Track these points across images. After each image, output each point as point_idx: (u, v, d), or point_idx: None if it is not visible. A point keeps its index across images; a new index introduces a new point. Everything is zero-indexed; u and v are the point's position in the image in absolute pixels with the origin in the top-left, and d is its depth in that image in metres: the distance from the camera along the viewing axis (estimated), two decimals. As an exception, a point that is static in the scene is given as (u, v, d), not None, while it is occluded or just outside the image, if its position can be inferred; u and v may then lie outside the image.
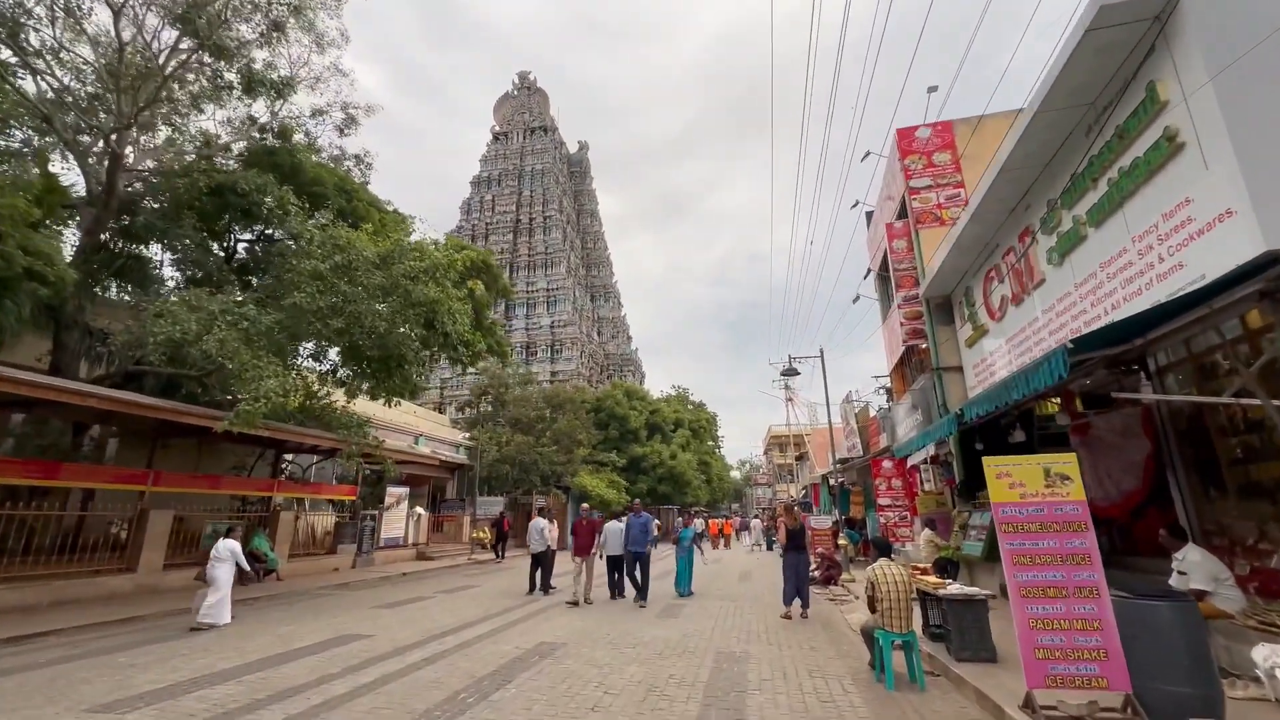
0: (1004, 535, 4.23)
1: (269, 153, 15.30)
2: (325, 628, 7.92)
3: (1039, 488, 4.22)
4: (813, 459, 33.98)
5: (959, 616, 5.50)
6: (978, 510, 10.18)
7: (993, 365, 10.61)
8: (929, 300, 12.92)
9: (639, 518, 10.25)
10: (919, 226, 13.39)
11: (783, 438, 54.91)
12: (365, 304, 11.27)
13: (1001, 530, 4.27)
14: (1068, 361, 4.82)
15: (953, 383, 12.37)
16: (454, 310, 12.77)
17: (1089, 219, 7.14)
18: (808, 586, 9.20)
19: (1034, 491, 4.23)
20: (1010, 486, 4.29)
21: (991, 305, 10.42)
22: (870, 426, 21.31)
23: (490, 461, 26.55)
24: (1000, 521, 4.29)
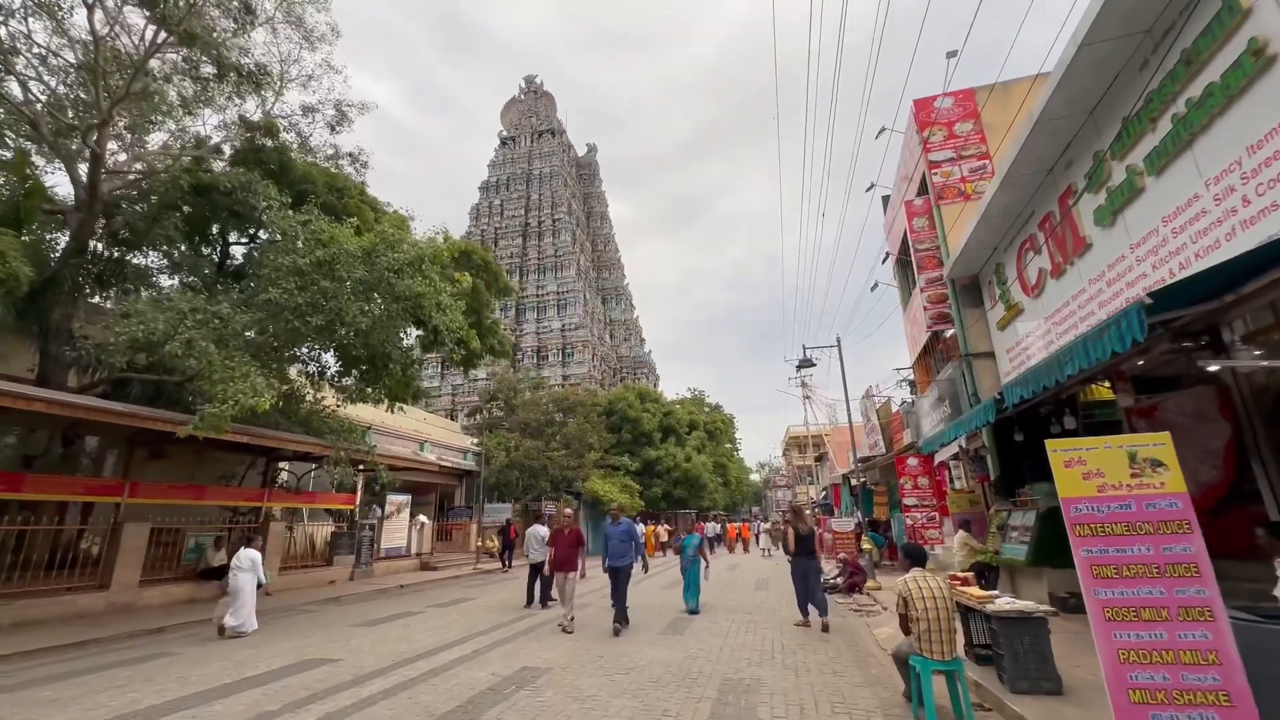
0: (1079, 540, 3.29)
1: (255, 150, 14.78)
2: (290, 651, 7.16)
3: (1123, 477, 3.27)
4: (833, 459, 32.76)
5: (1013, 638, 4.53)
6: (1018, 509, 9.12)
7: (1029, 348, 9.56)
8: (954, 281, 11.89)
9: (618, 525, 8.59)
10: (941, 203, 12.37)
11: (801, 438, 53.56)
12: (346, 299, 10.57)
13: (1075, 533, 3.32)
14: (1144, 321, 3.86)
15: (984, 370, 11.31)
16: (443, 304, 12.02)
17: (1147, 167, 6.13)
18: (821, 594, 8.37)
19: (1116, 482, 3.28)
20: (1085, 476, 3.34)
21: (1027, 280, 9.38)
22: (892, 422, 20.18)
23: (498, 468, 25.83)
24: (1073, 522, 3.34)
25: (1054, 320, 8.60)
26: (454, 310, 12.88)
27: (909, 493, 16.09)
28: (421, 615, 9.93)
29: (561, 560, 8.36)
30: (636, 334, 58.85)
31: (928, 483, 16.11)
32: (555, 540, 8.53)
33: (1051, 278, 8.57)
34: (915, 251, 12.78)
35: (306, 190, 14.85)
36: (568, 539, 8.42)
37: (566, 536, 8.45)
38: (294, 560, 14.36)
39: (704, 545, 9.30)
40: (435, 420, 30.33)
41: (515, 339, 47.78)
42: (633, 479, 32.14)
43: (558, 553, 8.40)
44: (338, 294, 10.62)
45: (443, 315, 11.61)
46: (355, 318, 10.63)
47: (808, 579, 8.36)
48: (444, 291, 12.46)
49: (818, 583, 8.44)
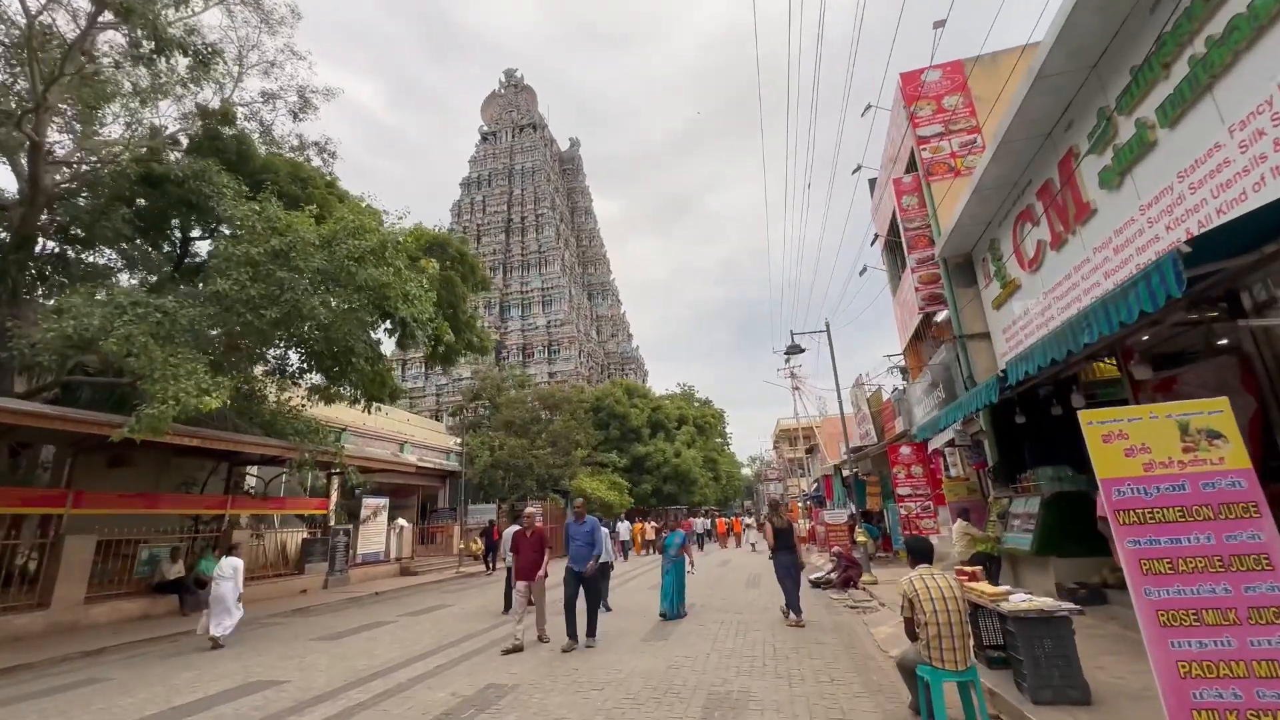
0: (1124, 529, 2.74)
1: (212, 139, 13.98)
2: (235, 673, 6.49)
3: (1174, 452, 2.73)
4: (823, 450, 32.40)
5: (1033, 641, 3.99)
6: (1020, 496, 8.64)
7: (1028, 326, 9.07)
8: (947, 260, 11.39)
9: (581, 524, 7.45)
10: (930, 179, 11.87)
11: (792, 431, 53.28)
12: (304, 291, 9.86)
13: (1119, 521, 2.77)
14: (1181, 273, 3.32)
15: (979, 352, 10.83)
16: (411, 295, 11.33)
17: (1159, 118, 5.62)
18: (797, 591, 8.15)
19: (1166, 458, 2.74)
20: (1127, 453, 2.80)
21: (1024, 255, 8.89)
22: (884, 411, 19.75)
23: (482, 468, 25.14)
24: (1116, 508, 2.80)
25: (1054, 295, 8.10)
26: (424, 301, 12.19)
27: (902, 482, 15.65)
28: (391, 626, 9.28)
29: (526, 567, 7.15)
30: (624, 329, 58.21)
31: (921, 472, 15.67)
32: (518, 545, 7.33)
33: (1051, 249, 8.08)
34: (905, 231, 12.28)
35: (268, 180, 14.09)
36: (531, 542, 7.25)
37: (530, 540, 7.26)
38: (263, 569, 13.62)
39: (688, 543, 8.63)
40: (420, 421, 29.57)
41: (500, 337, 46.98)
42: (622, 476, 31.57)
43: (521, 559, 7.20)
44: (294, 285, 9.91)
45: (411, 306, 10.93)
46: (314, 310, 9.92)
47: (792, 575, 8.15)
48: (411, 281, 11.77)
49: (797, 579, 8.20)
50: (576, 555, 7.26)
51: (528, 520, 7.57)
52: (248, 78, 15.66)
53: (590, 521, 7.60)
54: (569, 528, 7.54)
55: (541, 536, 7.37)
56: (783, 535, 8.33)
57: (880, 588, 10.29)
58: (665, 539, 8.98)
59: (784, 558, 8.17)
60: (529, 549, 7.23)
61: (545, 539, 7.36)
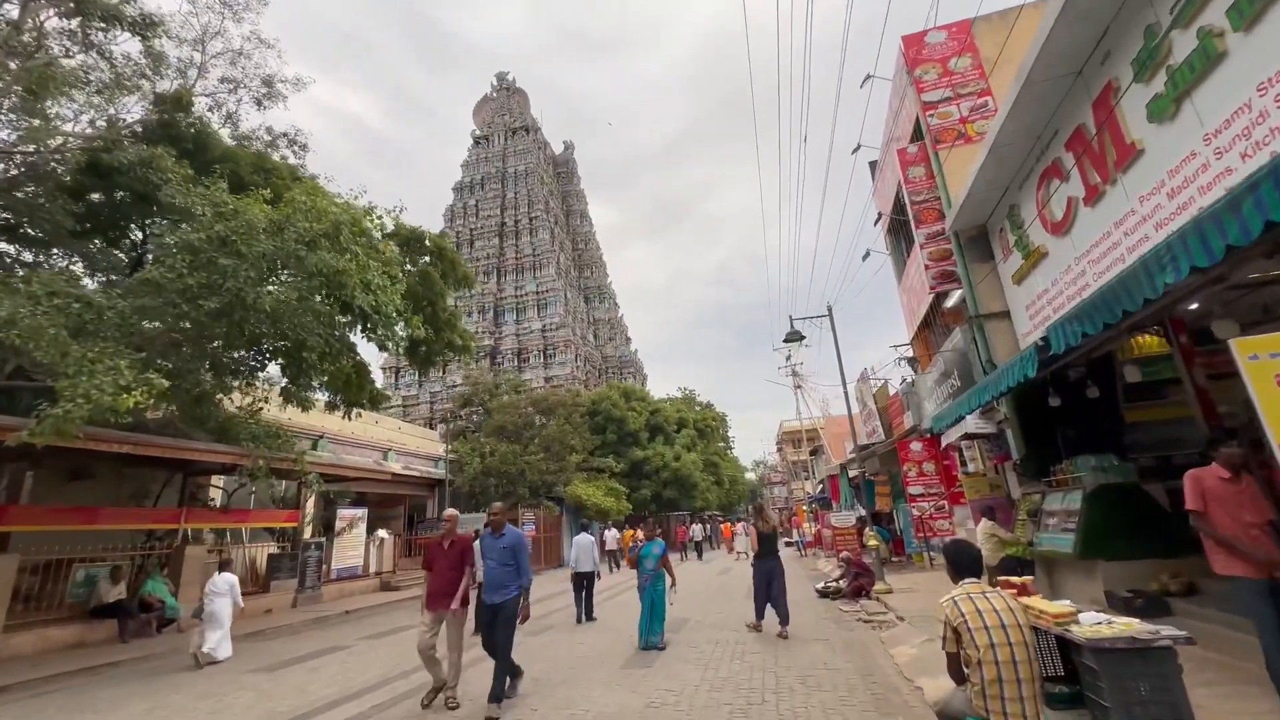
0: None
1: (166, 125, 13.05)
2: (138, 715, 5.44)
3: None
4: (828, 450, 31.30)
5: (1124, 682, 2.93)
6: (1055, 490, 7.58)
7: (1057, 299, 8.03)
8: (959, 234, 10.37)
9: (498, 538, 5.37)
10: (938, 147, 10.87)
11: (795, 433, 52.18)
12: (246, 279, 8.87)
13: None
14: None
15: (998, 333, 9.79)
16: (373, 284, 10.34)
17: (1232, 20, 4.60)
18: (785, 598, 7.65)
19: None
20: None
21: (1051, 217, 7.86)
22: (891, 406, 18.69)
23: (472, 475, 24.08)
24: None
25: (1089, 258, 7.07)
26: (390, 292, 11.19)
27: (914, 481, 14.61)
28: (344, 653, 8.22)
29: (437, 591, 5.22)
30: (622, 333, 57.23)
31: (934, 469, 14.65)
32: (430, 559, 5.42)
33: (1085, 206, 7.05)
34: (912, 204, 11.27)
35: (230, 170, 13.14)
36: (448, 556, 5.33)
37: (448, 552, 5.35)
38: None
39: (666, 555, 7.29)
40: (411, 430, 28.56)
41: (494, 342, 46.03)
42: (619, 481, 30.46)
43: (432, 580, 5.31)
44: (236, 273, 8.92)
45: (370, 295, 9.91)
46: (258, 300, 8.92)
47: (771, 581, 7.67)
48: (373, 269, 10.78)
49: (782, 586, 7.69)
50: (491, 581, 5.20)
51: (446, 525, 5.60)
52: (214, 68, 14.84)
53: (512, 534, 5.40)
54: (483, 541, 5.50)
55: (463, 549, 5.44)
56: (767, 540, 7.92)
57: (896, 598, 9.19)
58: (640, 550, 7.42)
59: (767, 563, 7.73)
60: (445, 565, 5.29)
61: (468, 552, 5.50)
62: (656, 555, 7.31)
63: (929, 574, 12.01)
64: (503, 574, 5.19)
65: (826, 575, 14.85)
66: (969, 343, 10.27)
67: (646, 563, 7.29)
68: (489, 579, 5.22)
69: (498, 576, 5.19)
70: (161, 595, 10.67)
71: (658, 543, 7.52)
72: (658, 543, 7.52)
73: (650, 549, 7.41)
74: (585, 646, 7.49)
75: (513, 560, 5.26)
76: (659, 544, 7.48)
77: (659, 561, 7.24)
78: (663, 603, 7.19)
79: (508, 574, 5.20)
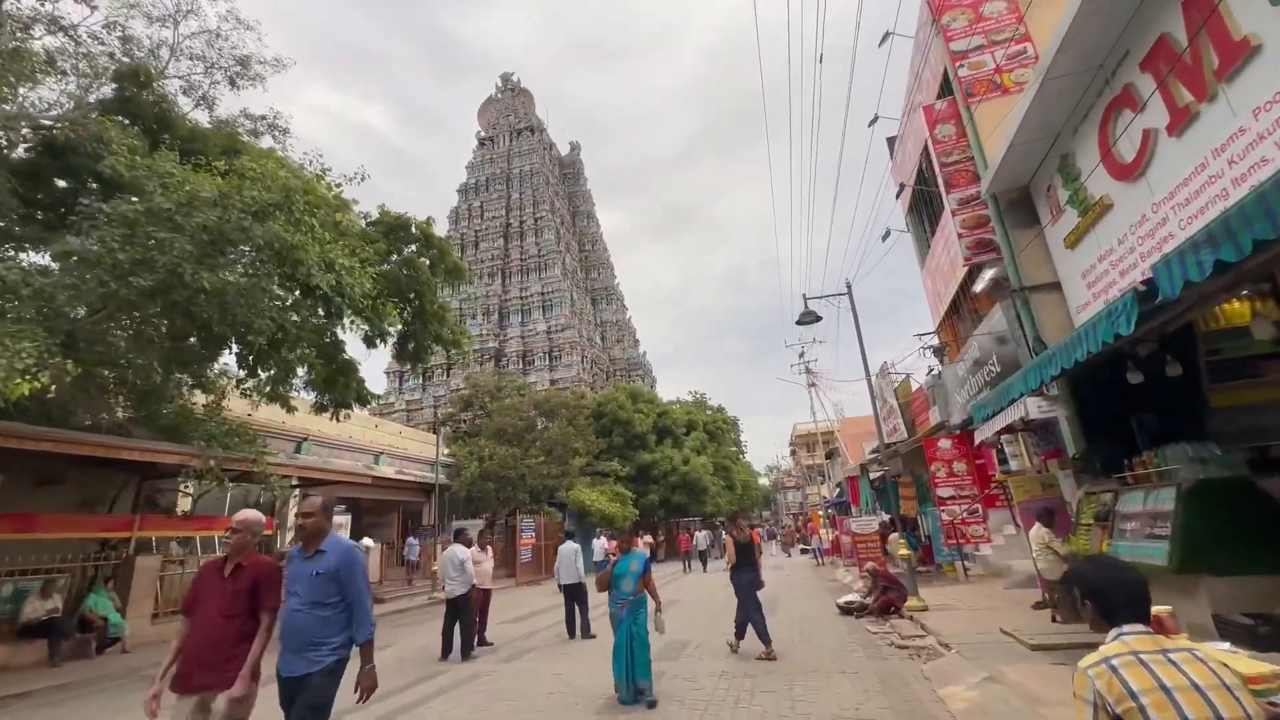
0: None
1: (124, 101, 12.13)
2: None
3: None
4: (844, 452, 29.82)
5: None
6: (1134, 489, 6.22)
7: (1125, 259, 6.71)
8: (998, 197, 9.06)
9: (309, 558, 3.07)
10: (971, 101, 9.59)
11: (809, 435, 50.58)
12: (184, 253, 7.79)
13: None
14: None
15: (1046, 307, 8.47)
16: (335, 262, 9.24)
17: None
18: (760, 615, 6.90)
19: None
20: None
21: (1119, 158, 6.54)
22: (914, 402, 17.29)
23: (470, 479, 22.95)
24: None
25: (1176, 202, 5.75)
26: (358, 274, 10.09)
27: (943, 482, 13.23)
28: (285, 681, 7.04)
29: (198, 656, 2.96)
30: (630, 335, 56.07)
31: (965, 468, 13.27)
32: (194, 598, 3.17)
33: (1169, 136, 5.74)
34: (942, 167, 9.97)
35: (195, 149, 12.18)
36: (227, 594, 3.07)
37: (225, 585, 3.10)
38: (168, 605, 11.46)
39: (649, 573, 5.34)
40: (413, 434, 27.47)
41: (499, 344, 45.07)
42: (626, 486, 29.19)
43: (194, 634, 3.03)
44: (174, 247, 7.85)
45: (328, 274, 8.79)
46: (197, 277, 7.84)
47: (752, 596, 6.97)
48: (339, 249, 9.69)
49: (754, 599, 6.97)
50: (291, 634, 3.00)
51: (236, 536, 3.22)
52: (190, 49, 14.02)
53: (335, 553, 3.09)
54: (289, 566, 3.15)
55: (257, 580, 3.13)
56: (744, 550, 7.16)
57: (934, 617, 7.84)
58: (614, 566, 5.35)
59: (746, 577, 7.01)
60: (217, 610, 3.04)
61: (267, 585, 3.15)
62: (635, 574, 5.22)
63: (965, 587, 10.62)
64: (311, 623, 2.97)
65: (848, 586, 13.48)
66: (1011, 321, 8.94)
67: (623, 583, 5.15)
68: (287, 630, 3.01)
69: (303, 628, 2.97)
70: (105, 612, 9.60)
71: (636, 555, 5.39)
72: (636, 555, 5.39)
73: (626, 565, 5.27)
74: (562, 679, 6.25)
75: (335, 597, 3.02)
76: (638, 557, 5.37)
77: (639, 581, 5.19)
78: (645, 642, 5.11)
79: (319, 624, 2.97)
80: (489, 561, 8.82)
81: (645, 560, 5.35)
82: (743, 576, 7.02)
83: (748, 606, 6.92)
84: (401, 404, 43.48)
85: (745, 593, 6.96)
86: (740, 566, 7.09)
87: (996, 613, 7.54)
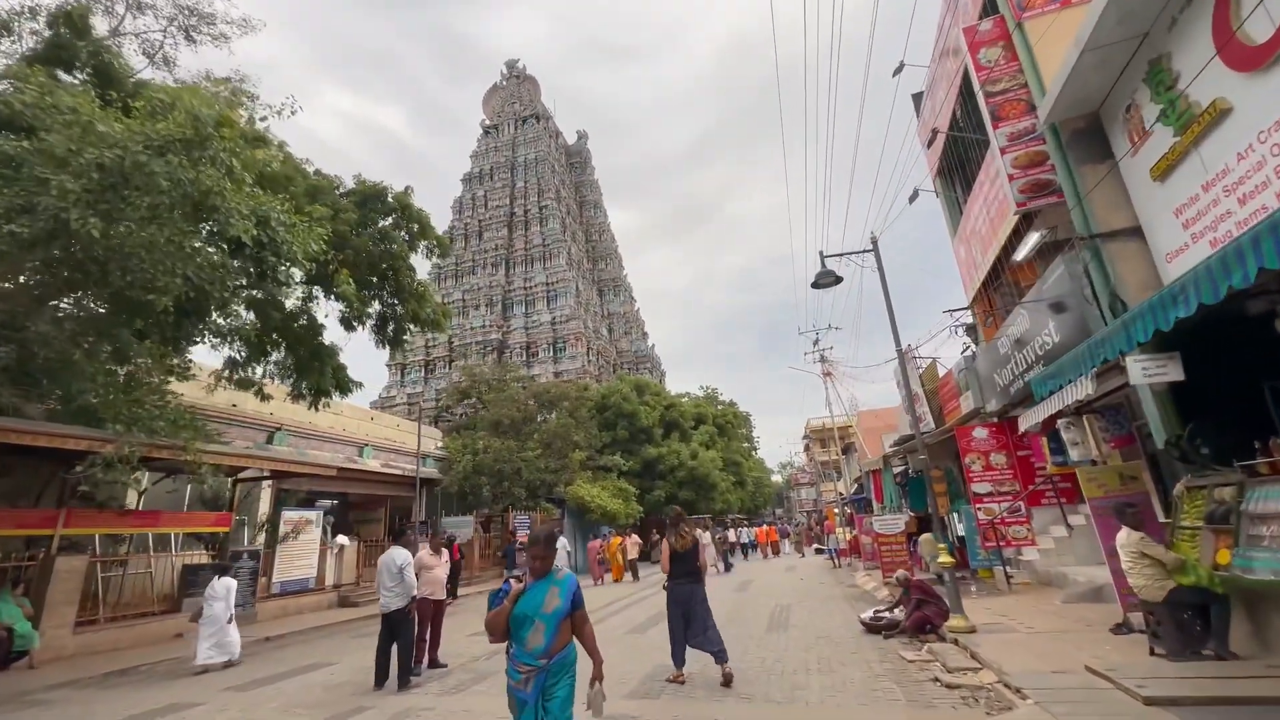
0: None
1: (56, 48, 10.87)
2: None
3: None
4: (862, 447, 28.11)
5: None
6: (1269, 482, 4.62)
7: (1253, 178, 5.09)
8: (1058, 128, 7.44)
9: None
10: (1025, 16, 7.97)
11: (823, 431, 48.77)
12: (65, 192, 6.44)
13: None
14: None
15: (1125, 257, 6.84)
16: (271, 215, 7.86)
17: None
18: (715, 631, 5.81)
19: None
20: None
21: (1246, 41, 4.92)
22: (942, 388, 15.64)
23: (463, 474, 21.63)
24: None
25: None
26: (301, 233, 8.70)
27: (979, 476, 11.67)
28: (201, 710, 5.69)
29: None
30: (638, 327, 54.55)
31: (1005, 460, 11.70)
32: None
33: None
34: (987, 99, 8.33)
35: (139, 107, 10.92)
36: None
37: None
38: (120, 609, 10.23)
39: (580, 613, 2.90)
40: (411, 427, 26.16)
41: (502, 336, 43.79)
42: (631, 481, 27.73)
43: None
44: (59, 189, 6.50)
45: (247, 223, 7.37)
46: (86, 223, 6.49)
47: (692, 612, 5.83)
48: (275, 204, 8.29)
49: (707, 614, 5.89)
50: None
51: None
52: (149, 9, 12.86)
53: None
54: None
55: None
56: (681, 559, 5.97)
57: (986, 641, 6.26)
58: (516, 600, 2.80)
59: (684, 589, 5.86)
60: None
61: None
62: (555, 616, 2.80)
63: (1012, 599, 9.01)
64: None
65: (870, 594, 11.91)
66: (1077, 279, 7.32)
67: (529, 635, 2.75)
68: None
69: None
70: (13, 620, 8.33)
71: (561, 582, 2.92)
72: (561, 582, 2.92)
73: (538, 599, 2.80)
74: None
75: None
76: (564, 583, 2.92)
77: (558, 630, 2.79)
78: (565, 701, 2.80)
79: None
80: (443, 567, 7.39)
81: (572, 591, 2.90)
82: (684, 590, 5.85)
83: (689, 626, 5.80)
84: (404, 397, 42.39)
85: (688, 608, 5.80)
86: (678, 577, 5.92)
87: (1067, 638, 5.96)
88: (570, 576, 2.99)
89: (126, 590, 10.91)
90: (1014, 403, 10.59)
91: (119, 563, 10.71)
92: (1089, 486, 6.70)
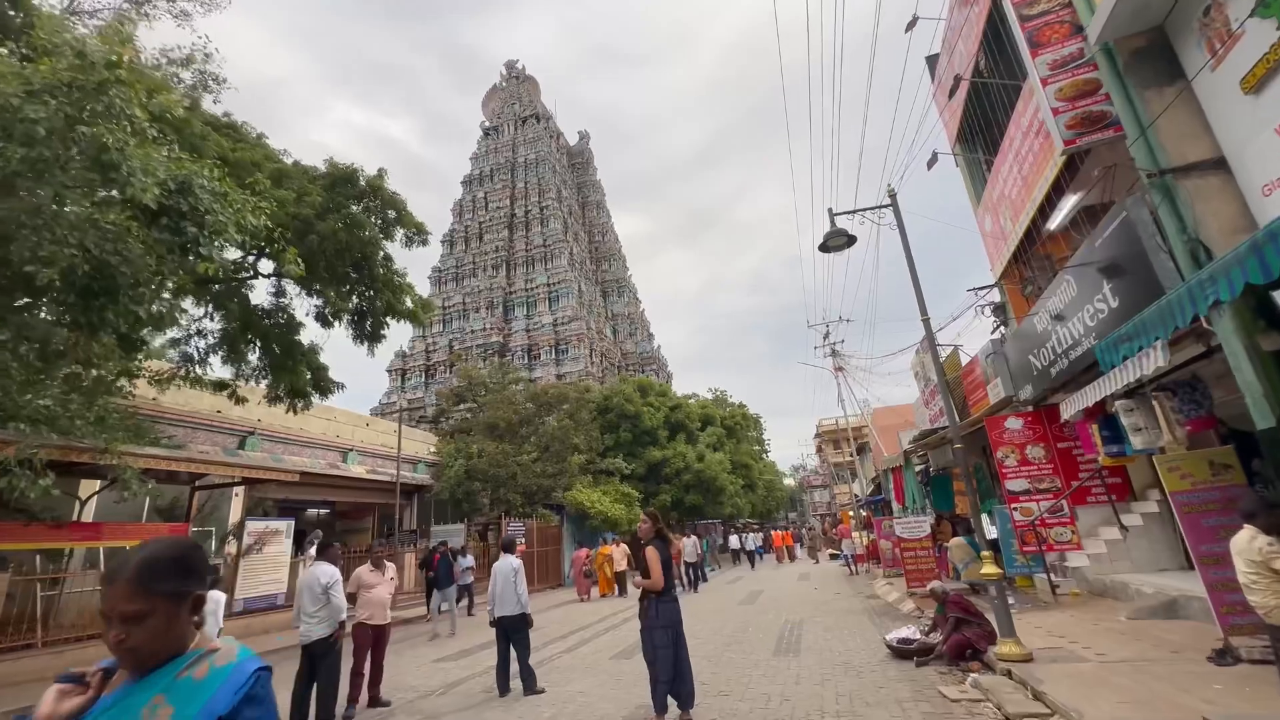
0: None
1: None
2: None
3: None
4: (877, 445, 26.70)
5: None
6: None
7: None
8: (1112, 49, 6.19)
9: None
10: (1066, -78, 6.74)
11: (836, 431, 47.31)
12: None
13: None
14: None
15: (1206, 195, 5.58)
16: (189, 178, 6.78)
17: None
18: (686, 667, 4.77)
19: None
20: None
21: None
22: (966, 377, 14.30)
23: (455, 479, 20.52)
24: None
25: None
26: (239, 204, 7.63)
27: (1012, 472, 10.40)
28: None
29: None
30: (644, 328, 53.38)
31: (1043, 454, 10.45)
32: None
33: None
34: (1023, 25, 7.08)
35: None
36: None
37: None
38: (49, 633, 9.16)
39: None
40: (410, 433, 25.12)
41: (504, 338, 42.80)
42: (634, 485, 26.49)
43: None
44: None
45: (146, 180, 6.25)
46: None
47: (680, 639, 4.80)
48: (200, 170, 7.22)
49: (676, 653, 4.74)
50: None
51: None
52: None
53: None
54: None
55: None
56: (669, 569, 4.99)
57: (1048, 674, 4.98)
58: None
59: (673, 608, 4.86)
60: None
61: None
62: None
63: (1064, 615, 7.68)
64: None
65: (892, 607, 10.61)
66: (1144, 225, 6.04)
67: None
68: None
69: None
70: None
71: (202, 682, 1.19)
72: (202, 682, 1.19)
73: None
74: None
75: None
76: (206, 684, 1.19)
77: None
78: None
79: None
80: (386, 586, 6.25)
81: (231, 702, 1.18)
82: (669, 611, 4.83)
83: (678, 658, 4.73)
84: (404, 403, 41.47)
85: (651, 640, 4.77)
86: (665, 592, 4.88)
87: (1155, 671, 4.68)
88: (231, 667, 1.24)
89: (70, 611, 9.88)
90: (1054, 387, 9.28)
91: (52, 580, 9.65)
92: (1170, 478, 5.41)
